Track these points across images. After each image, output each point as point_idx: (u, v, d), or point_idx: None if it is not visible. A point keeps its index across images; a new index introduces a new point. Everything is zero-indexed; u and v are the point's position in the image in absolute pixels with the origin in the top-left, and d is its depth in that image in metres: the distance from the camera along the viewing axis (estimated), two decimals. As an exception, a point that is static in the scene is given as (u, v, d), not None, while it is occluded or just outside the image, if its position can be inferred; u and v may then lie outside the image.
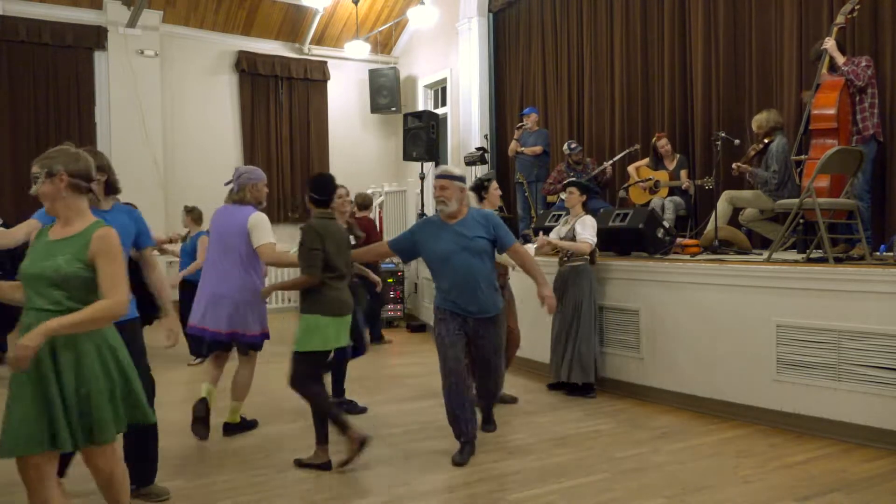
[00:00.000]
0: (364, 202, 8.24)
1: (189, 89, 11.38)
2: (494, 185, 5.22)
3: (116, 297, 2.53)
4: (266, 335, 4.52)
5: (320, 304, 3.91)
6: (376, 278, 5.56)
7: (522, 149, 8.63)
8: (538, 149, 8.53)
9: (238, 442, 4.48)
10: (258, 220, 4.37)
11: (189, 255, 7.28)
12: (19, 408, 2.46)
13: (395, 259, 5.43)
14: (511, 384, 5.97)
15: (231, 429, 4.60)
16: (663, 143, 7.15)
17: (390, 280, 9.30)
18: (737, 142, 6.23)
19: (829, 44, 5.37)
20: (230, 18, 11.51)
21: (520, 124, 8.88)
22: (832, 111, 5.23)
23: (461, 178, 4.14)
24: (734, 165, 6.10)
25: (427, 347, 7.96)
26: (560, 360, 5.54)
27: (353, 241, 4.81)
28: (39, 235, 2.68)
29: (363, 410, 5.10)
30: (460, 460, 3.96)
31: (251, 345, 4.53)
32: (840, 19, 5.46)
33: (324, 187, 4.07)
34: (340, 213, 4.79)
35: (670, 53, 7.63)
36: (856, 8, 5.43)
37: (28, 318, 2.52)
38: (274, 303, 11.28)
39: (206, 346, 4.98)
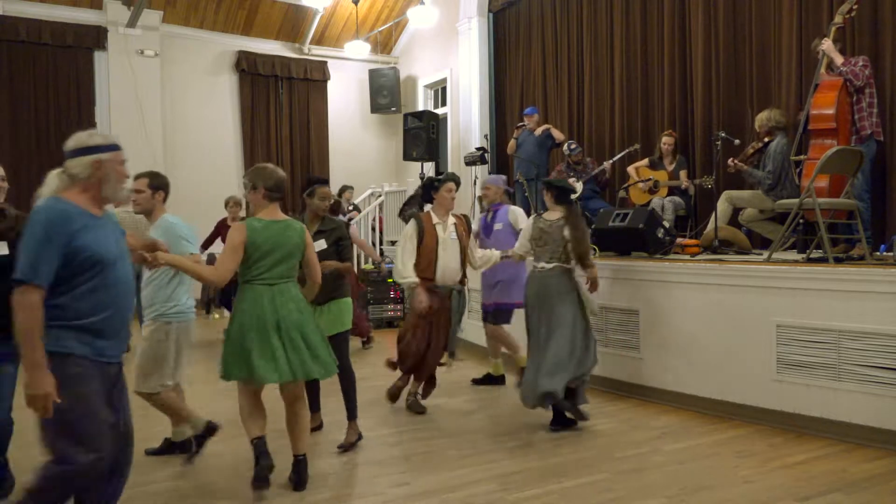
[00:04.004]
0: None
1: (189, 89, 11.38)
2: (448, 186, 5.01)
3: None
4: None
5: (347, 288, 4.49)
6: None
7: (548, 129, 8.56)
8: (545, 127, 8.53)
9: (238, 442, 4.47)
10: None
11: None
12: None
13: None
14: (510, 384, 5.97)
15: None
16: (666, 141, 7.16)
17: (389, 280, 9.28)
18: (737, 142, 6.23)
19: (827, 44, 5.37)
20: (230, 18, 11.52)
21: (520, 123, 8.88)
22: (831, 111, 5.23)
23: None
24: (730, 161, 6.10)
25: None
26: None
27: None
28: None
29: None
30: None
31: None
32: (838, 19, 5.46)
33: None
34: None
35: (670, 53, 7.63)
36: (854, 8, 5.43)
37: None
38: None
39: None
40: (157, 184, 4.07)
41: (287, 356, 3.47)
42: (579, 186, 7.30)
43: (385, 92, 12.42)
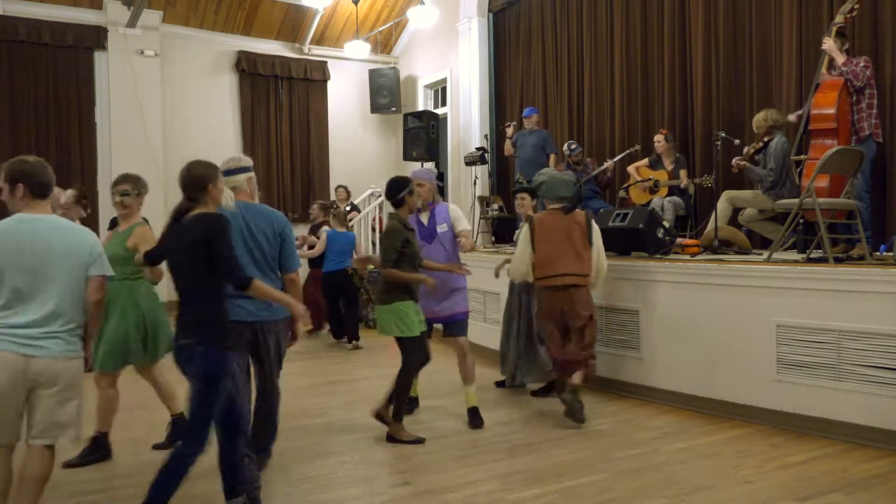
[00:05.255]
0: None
1: (189, 89, 11.38)
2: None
3: None
4: None
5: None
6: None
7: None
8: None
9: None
10: None
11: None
12: None
13: None
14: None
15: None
16: (657, 139, 7.17)
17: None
18: (737, 141, 6.23)
19: (828, 43, 5.37)
20: (230, 18, 11.51)
21: (507, 123, 9.01)
22: (832, 111, 5.23)
23: None
24: (734, 161, 6.10)
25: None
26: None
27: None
28: None
29: None
30: None
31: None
32: (839, 19, 5.46)
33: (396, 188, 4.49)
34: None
35: (670, 53, 7.63)
36: (855, 7, 5.43)
37: None
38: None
39: None
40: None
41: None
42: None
43: (385, 92, 12.42)
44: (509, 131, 8.89)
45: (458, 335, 4.98)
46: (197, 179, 3.11)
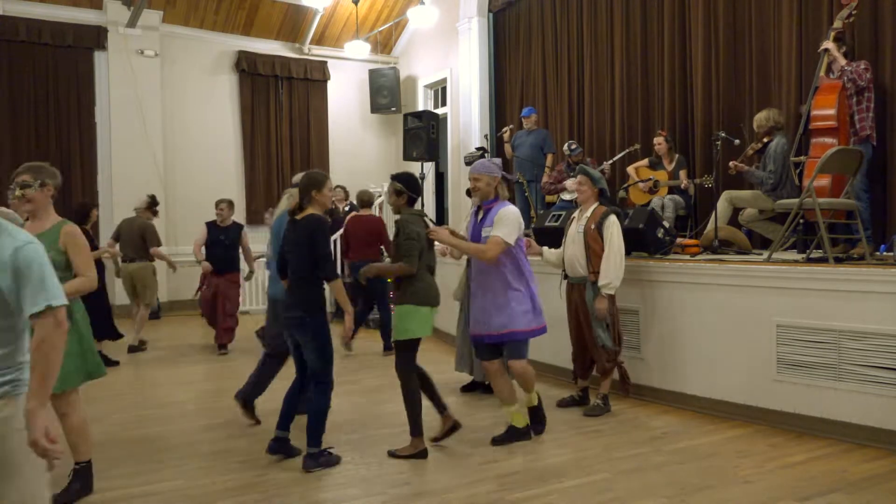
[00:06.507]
0: (364, 199, 7.94)
1: (189, 89, 11.38)
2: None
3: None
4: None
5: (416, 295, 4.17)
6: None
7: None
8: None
9: (238, 442, 4.48)
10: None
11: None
12: None
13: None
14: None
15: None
16: (657, 142, 7.17)
17: (389, 280, 9.25)
18: (737, 142, 6.23)
19: (830, 45, 5.39)
20: (230, 18, 11.52)
21: (504, 129, 9.02)
22: (832, 111, 5.25)
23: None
24: (731, 164, 6.11)
25: (426, 347, 7.95)
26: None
27: None
28: None
29: None
30: None
31: None
32: (837, 24, 5.50)
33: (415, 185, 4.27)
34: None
35: (670, 53, 7.63)
36: (853, 13, 5.46)
37: None
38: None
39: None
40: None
41: None
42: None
43: (385, 92, 12.42)
44: (507, 135, 8.90)
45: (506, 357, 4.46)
46: (304, 185, 3.99)
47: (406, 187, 4.20)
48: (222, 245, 7.48)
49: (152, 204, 7.88)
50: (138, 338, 7.75)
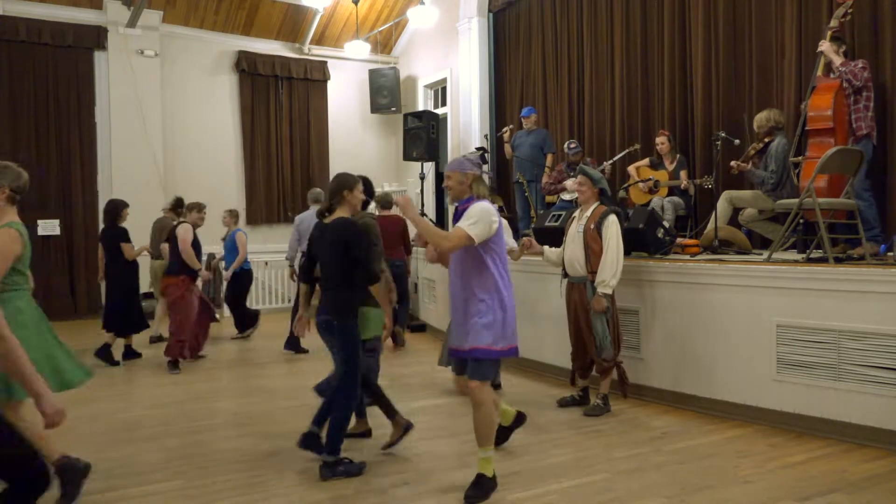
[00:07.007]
0: (386, 200, 7.95)
1: (189, 89, 11.38)
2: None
3: None
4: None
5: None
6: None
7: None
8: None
9: (238, 442, 4.48)
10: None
11: (230, 251, 8.49)
12: None
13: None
14: (508, 384, 5.97)
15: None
16: (660, 141, 7.16)
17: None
18: (737, 142, 6.24)
19: (825, 46, 5.39)
20: (230, 18, 11.52)
21: (503, 130, 9.01)
22: (829, 111, 5.25)
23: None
24: (732, 164, 6.11)
25: (427, 347, 7.96)
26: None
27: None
28: None
29: None
30: None
31: None
32: (833, 23, 5.50)
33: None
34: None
35: (670, 53, 7.63)
36: (849, 12, 5.45)
37: None
38: (274, 303, 11.29)
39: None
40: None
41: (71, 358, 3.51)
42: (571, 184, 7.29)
43: (385, 92, 12.41)
44: (506, 135, 8.90)
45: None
46: (335, 186, 4.05)
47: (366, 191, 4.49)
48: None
49: (177, 205, 8.05)
50: (159, 331, 8.18)
